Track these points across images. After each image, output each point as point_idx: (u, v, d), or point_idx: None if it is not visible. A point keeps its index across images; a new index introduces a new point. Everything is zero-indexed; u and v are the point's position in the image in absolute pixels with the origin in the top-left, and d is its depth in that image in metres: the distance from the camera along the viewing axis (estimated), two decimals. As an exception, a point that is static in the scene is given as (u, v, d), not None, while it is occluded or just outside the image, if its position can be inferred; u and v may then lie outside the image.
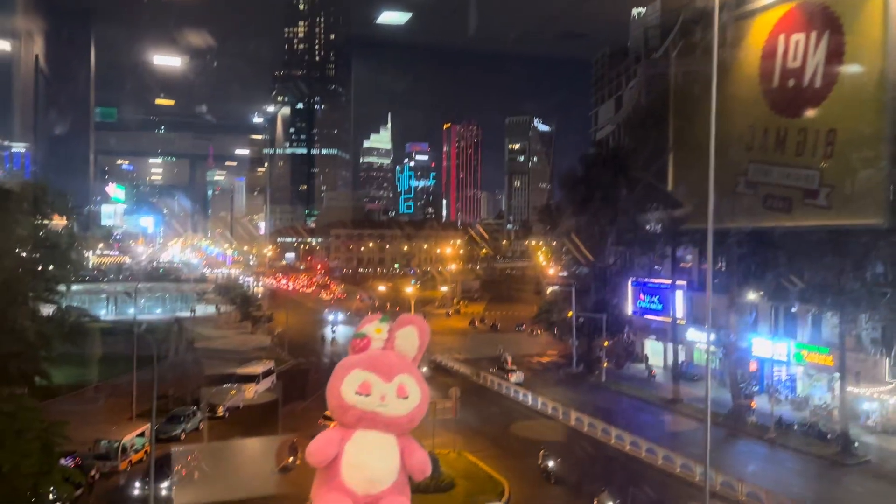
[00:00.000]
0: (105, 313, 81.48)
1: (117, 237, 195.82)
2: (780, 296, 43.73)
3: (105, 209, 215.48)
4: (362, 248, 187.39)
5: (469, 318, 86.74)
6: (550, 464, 31.76)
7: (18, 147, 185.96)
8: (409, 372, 3.11)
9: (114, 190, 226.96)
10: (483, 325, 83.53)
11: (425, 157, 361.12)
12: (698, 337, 52.98)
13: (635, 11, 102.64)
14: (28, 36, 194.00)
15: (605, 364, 54.45)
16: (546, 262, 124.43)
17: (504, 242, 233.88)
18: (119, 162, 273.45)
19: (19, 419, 13.72)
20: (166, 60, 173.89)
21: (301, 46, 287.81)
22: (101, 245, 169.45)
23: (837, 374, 39.20)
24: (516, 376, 51.49)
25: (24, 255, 17.21)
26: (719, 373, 49.21)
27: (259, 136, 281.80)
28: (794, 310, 44.91)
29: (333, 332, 70.24)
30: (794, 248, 38.18)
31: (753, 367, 46.95)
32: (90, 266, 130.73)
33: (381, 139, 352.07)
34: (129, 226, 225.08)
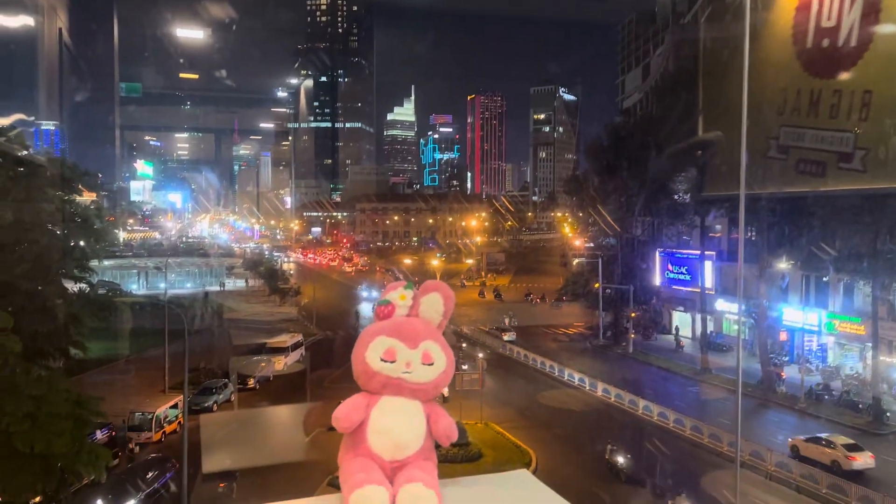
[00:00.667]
0: (136, 288, 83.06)
1: (147, 213, 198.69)
2: (811, 264, 43.10)
3: (134, 185, 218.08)
4: (387, 222, 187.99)
5: (492, 291, 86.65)
6: (620, 459, 29.29)
7: (48, 125, 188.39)
8: (434, 338, 3.10)
9: (142, 166, 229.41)
10: (492, 295, 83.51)
11: (449, 130, 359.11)
12: (727, 307, 52.52)
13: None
14: (51, 10, 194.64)
15: (633, 335, 54.26)
16: (572, 234, 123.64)
17: (529, 214, 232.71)
18: (147, 138, 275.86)
19: (50, 401, 14.04)
20: (189, 33, 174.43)
21: (324, 19, 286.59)
22: (131, 221, 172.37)
23: (870, 344, 38.63)
24: (509, 335, 56.73)
25: (54, 231, 17.49)
26: (749, 343, 48.81)
27: (283, 110, 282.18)
28: (825, 279, 44.23)
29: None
30: (827, 215, 37.51)
31: (784, 336, 46.53)
32: (121, 242, 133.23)
33: (404, 112, 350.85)
34: (158, 201, 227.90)
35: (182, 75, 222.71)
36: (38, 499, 24.32)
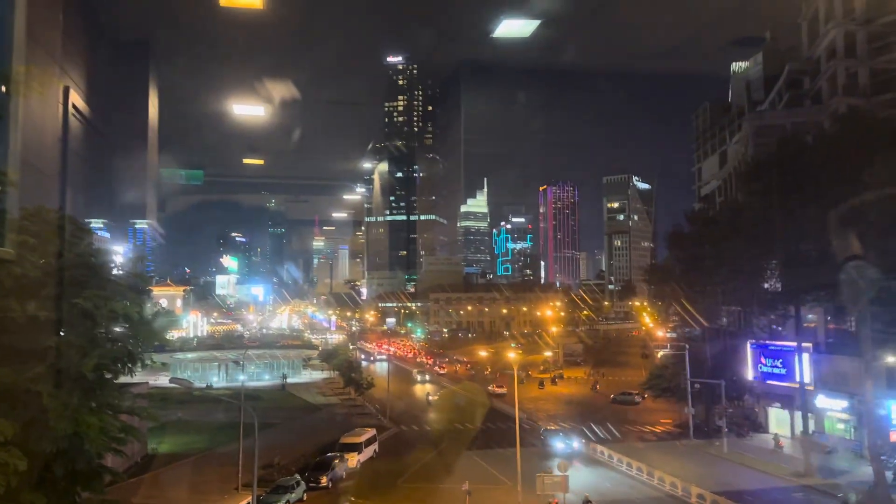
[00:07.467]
0: (217, 380, 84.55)
1: (230, 306, 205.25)
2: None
3: (219, 279, 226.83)
4: (461, 312, 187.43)
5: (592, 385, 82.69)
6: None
7: (141, 224, 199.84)
8: None
9: (228, 261, 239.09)
10: (541, 388, 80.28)
11: (522, 220, 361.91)
12: (829, 404, 48.45)
13: (734, 66, 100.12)
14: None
15: (726, 432, 50.47)
16: (652, 324, 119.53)
17: (606, 303, 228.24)
18: (234, 234, 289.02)
19: None
20: (274, 142, 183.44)
21: (400, 119, 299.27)
22: (215, 314, 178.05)
23: None
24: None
25: (91, 330, 17.66)
26: (856, 444, 44.63)
27: (361, 204, 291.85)
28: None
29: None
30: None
31: (894, 437, 42.29)
32: (204, 334, 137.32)
33: (477, 203, 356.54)
34: (242, 294, 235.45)
35: (246, 161, 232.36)
36: None
